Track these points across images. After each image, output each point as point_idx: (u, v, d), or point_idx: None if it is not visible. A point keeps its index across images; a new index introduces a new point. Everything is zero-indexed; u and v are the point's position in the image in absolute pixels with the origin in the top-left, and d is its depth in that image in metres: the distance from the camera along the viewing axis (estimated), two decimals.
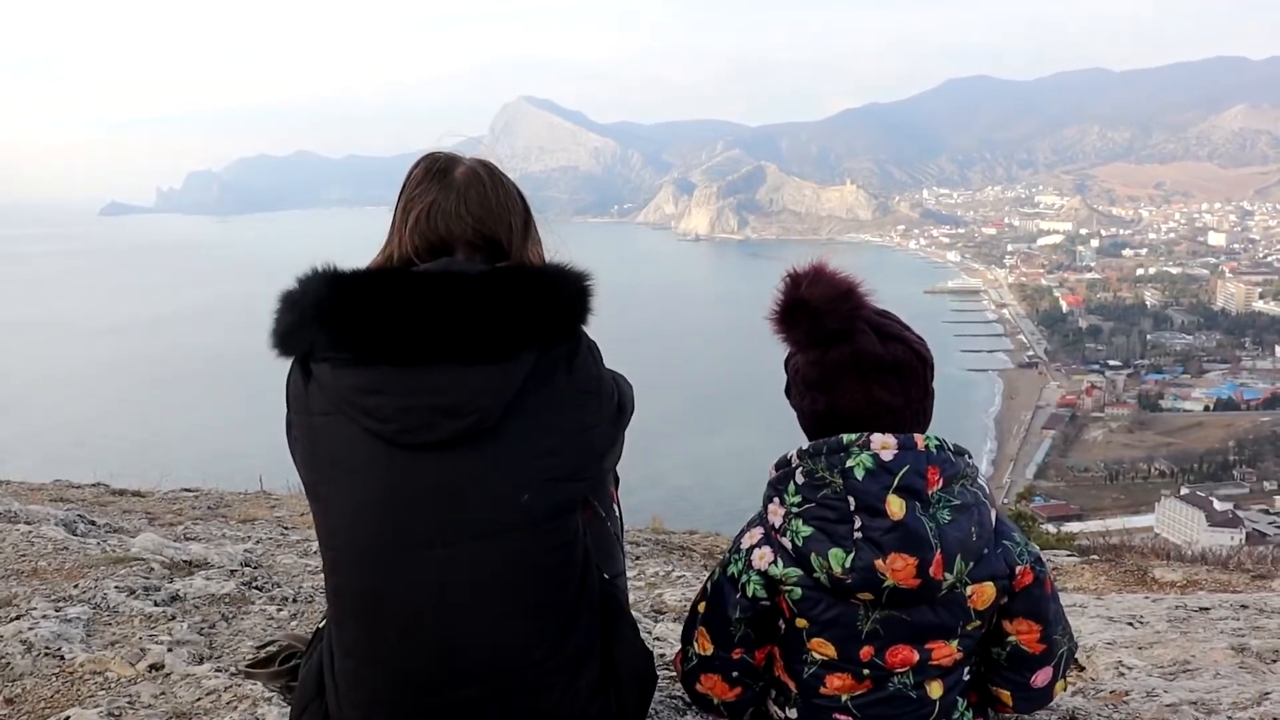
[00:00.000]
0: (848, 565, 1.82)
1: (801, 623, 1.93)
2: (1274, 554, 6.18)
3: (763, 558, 1.93)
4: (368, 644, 1.90)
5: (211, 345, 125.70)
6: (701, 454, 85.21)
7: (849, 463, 1.85)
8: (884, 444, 1.85)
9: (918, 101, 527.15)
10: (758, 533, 1.97)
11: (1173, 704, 2.79)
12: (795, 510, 1.89)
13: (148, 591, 3.62)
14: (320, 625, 2.13)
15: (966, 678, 2.00)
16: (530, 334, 1.85)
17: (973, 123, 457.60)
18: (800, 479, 1.90)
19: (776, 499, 1.94)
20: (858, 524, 1.83)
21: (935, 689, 1.94)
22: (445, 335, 1.81)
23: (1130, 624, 3.71)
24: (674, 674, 3.05)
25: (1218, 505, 65.65)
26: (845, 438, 1.87)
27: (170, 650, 3.07)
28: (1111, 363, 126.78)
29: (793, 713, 2.01)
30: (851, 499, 1.84)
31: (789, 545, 1.89)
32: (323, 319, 1.85)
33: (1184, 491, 73.56)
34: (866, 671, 1.91)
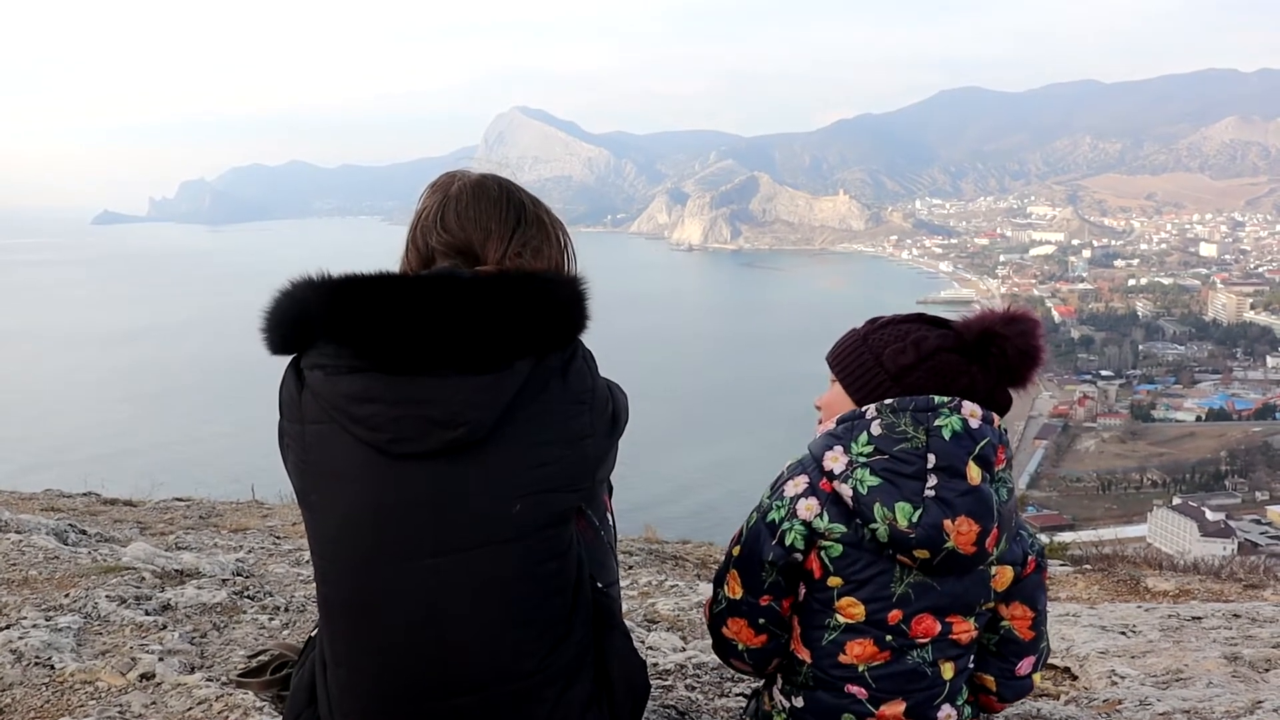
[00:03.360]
0: (915, 520, 1.83)
1: (835, 581, 1.93)
2: (1266, 563, 6.19)
3: (809, 508, 1.92)
4: (359, 653, 1.89)
5: (204, 355, 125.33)
6: (695, 463, 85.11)
7: (937, 422, 1.87)
8: (972, 411, 1.90)
9: (910, 113, 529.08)
10: (802, 481, 1.95)
11: (1165, 713, 2.80)
12: (863, 460, 1.89)
13: (139, 601, 3.61)
14: (312, 634, 2.13)
15: (970, 665, 2.04)
16: (526, 342, 1.84)
17: (965, 133, 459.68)
18: (877, 430, 1.90)
19: (839, 447, 1.93)
20: (931, 482, 1.85)
21: (948, 670, 1.96)
22: (438, 341, 1.80)
23: (1123, 633, 3.71)
24: (667, 684, 3.05)
25: (1210, 515, 65.74)
26: (936, 398, 1.90)
27: (161, 659, 3.06)
28: (1104, 373, 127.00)
29: (799, 700, 1.99)
30: (932, 457, 1.86)
31: (849, 492, 1.89)
32: (318, 319, 1.84)
33: (1176, 501, 73.79)
34: (890, 639, 1.92)
